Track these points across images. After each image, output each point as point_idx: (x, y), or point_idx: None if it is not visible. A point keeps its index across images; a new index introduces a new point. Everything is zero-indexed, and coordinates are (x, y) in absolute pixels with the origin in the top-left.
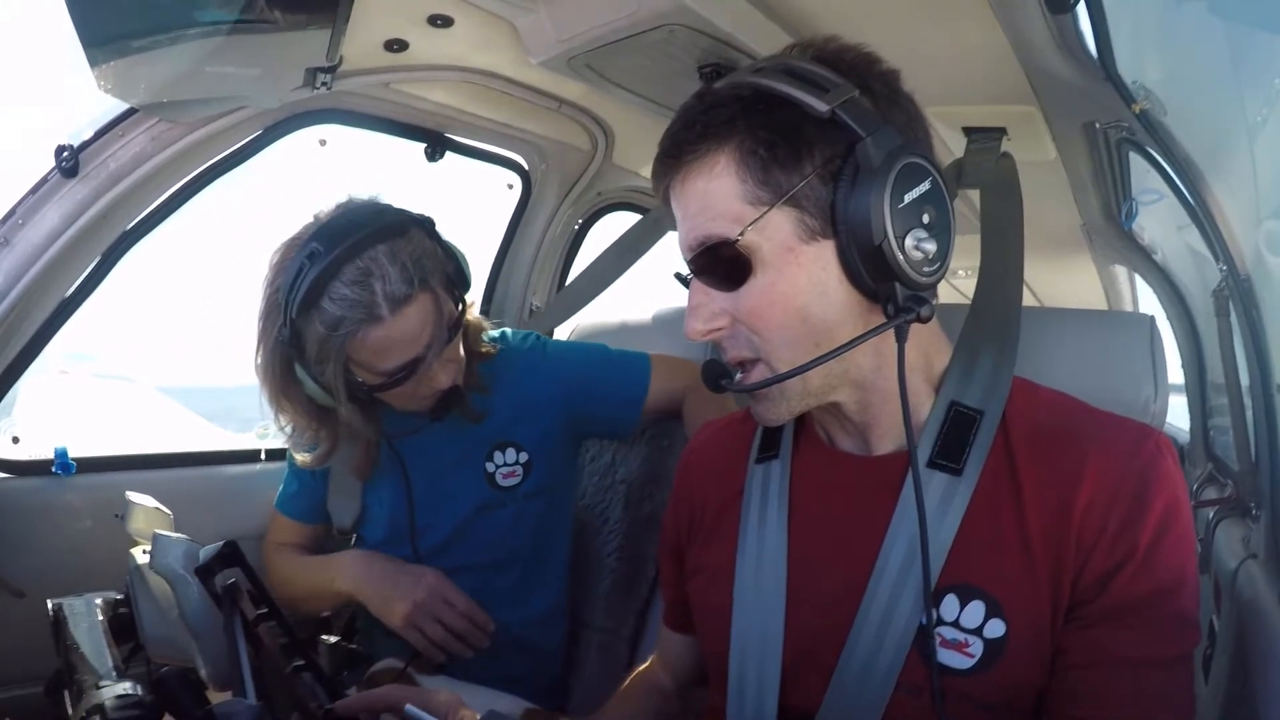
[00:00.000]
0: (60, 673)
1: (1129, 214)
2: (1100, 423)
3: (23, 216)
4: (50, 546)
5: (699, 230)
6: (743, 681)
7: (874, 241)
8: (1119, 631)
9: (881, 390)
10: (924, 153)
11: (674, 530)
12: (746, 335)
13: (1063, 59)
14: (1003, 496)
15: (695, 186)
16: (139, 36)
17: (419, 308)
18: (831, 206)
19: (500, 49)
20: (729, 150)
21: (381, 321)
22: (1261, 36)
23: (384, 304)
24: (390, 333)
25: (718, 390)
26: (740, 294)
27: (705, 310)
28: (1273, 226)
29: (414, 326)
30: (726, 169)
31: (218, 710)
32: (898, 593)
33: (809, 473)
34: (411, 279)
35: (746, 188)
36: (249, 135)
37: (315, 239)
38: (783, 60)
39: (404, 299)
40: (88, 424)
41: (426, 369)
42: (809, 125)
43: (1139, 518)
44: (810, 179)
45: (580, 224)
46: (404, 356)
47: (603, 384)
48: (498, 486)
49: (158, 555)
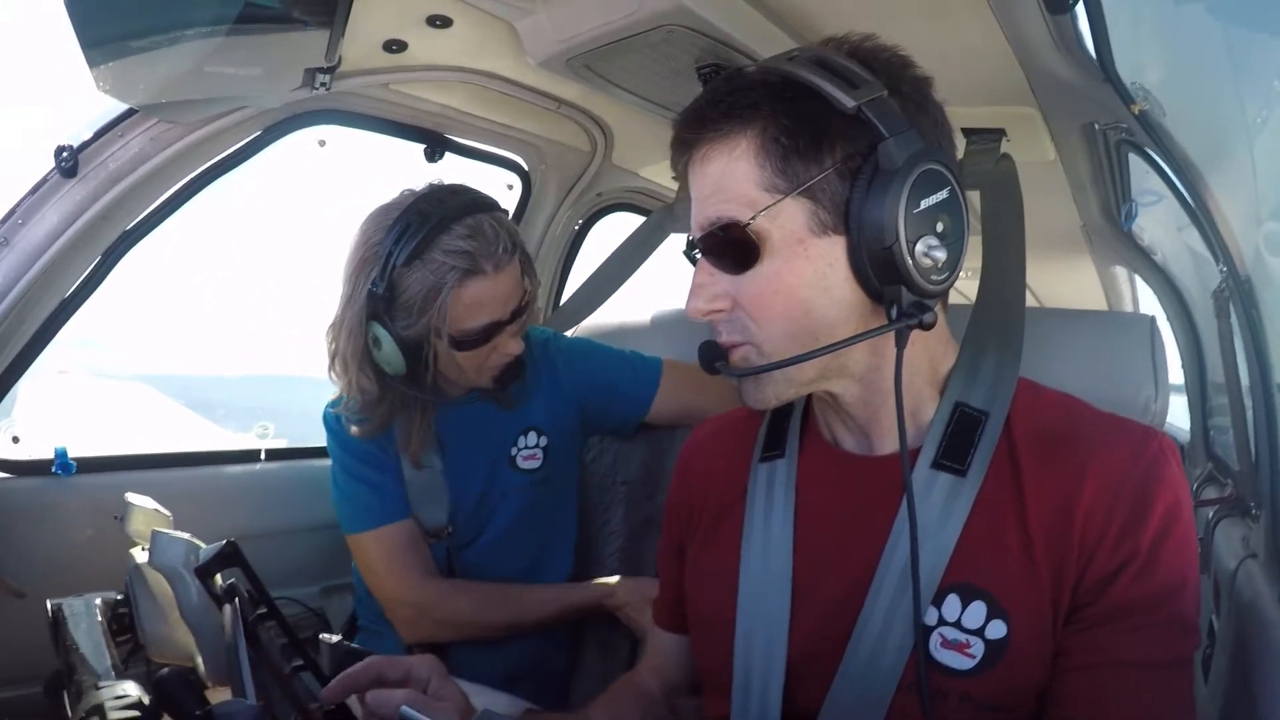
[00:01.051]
0: (60, 673)
1: (1129, 215)
2: (1104, 425)
3: (22, 217)
4: (50, 547)
5: (711, 210)
6: (747, 684)
7: (885, 243)
8: (1120, 634)
9: (882, 389)
10: (946, 161)
11: (674, 528)
12: (743, 320)
13: (1062, 60)
14: (1006, 498)
15: (713, 166)
16: (138, 37)
17: (513, 272)
18: (847, 203)
19: (499, 49)
20: (751, 134)
21: (485, 275)
22: (1261, 37)
23: (490, 259)
24: (489, 288)
25: (713, 373)
26: (745, 278)
27: (708, 291)
28: (1272, 227)
29: (508, 287)
30: (747, 152)
31: (217, 710)
32: (900, 593)
33: (813, 472)
34: (511, 244)
35: (764, 174)
36: (248, 136)
37: (422, 201)
38: (816, 51)
39: (506, 259)
40: (91, 410)
41: (506, 334)
42: (834, 119)
43: (1141, 520)
44: (829, 173)
45: (580, 225)
46: (491, 317)
47: (615, 382)
48: (518, 468)
49: (157, 553)
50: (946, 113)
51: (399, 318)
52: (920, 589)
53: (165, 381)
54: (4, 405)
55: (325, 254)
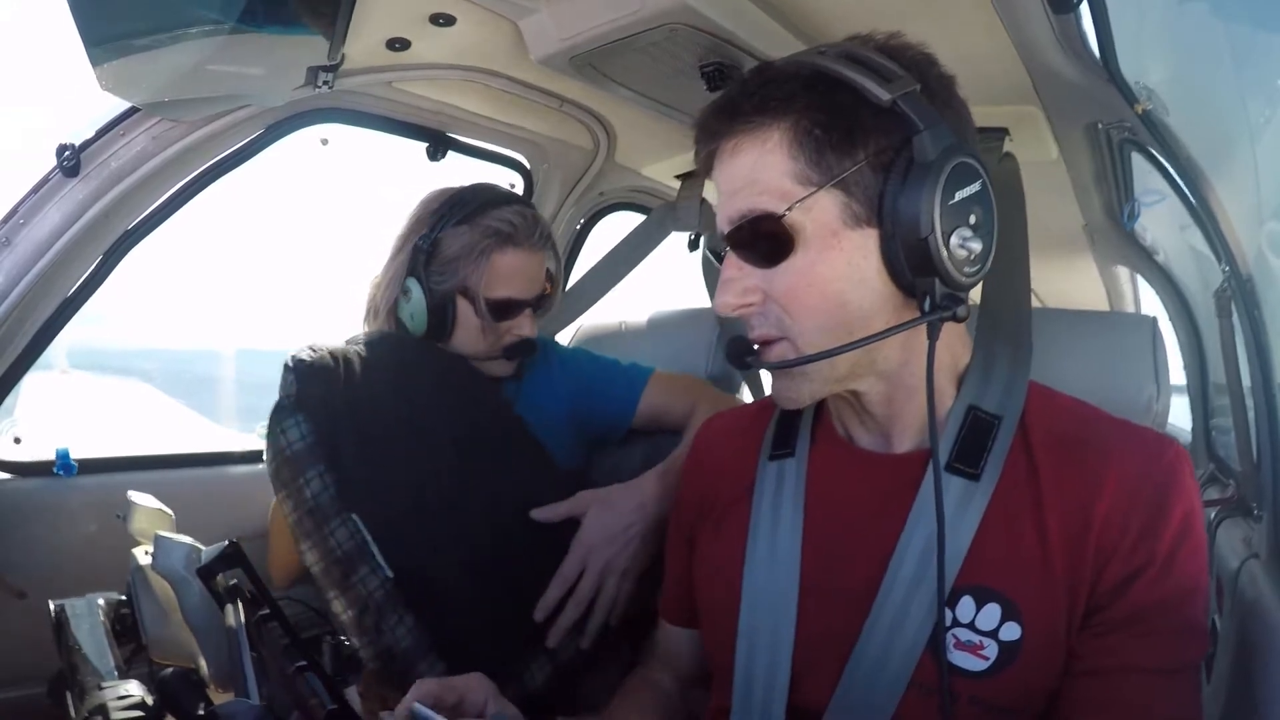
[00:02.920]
0: (62, 673)
1: (1131, 214)
2: (1121, 431)
3: (24, 216)
4: (52, 547)
5: (743, 203)
6: (750, 679)
7: (920, 234)
8: (1133, 639)
9: (907, 385)
10: (976, 154)
11: (684, 518)
12: (777, 314)
13: (1065, 59)
14: (1022, 500)
15: (745, 158)
16: (141, 36)
17: (544, 259)
18: (879, 196)
19: (502, 48)
20: (784, 126)
21: (523, 248)
22: (1264, 37)
23: (529, 239)
24: (523, 262)
25: (743, 368)
26: (777, 272)
27: (739, 285)
28: (1275, 227)
29: (538, 268)
30: (780, 144)
31: (220, 710)
32: (912, 592)
33: (824, 469)
34: (545, 236)
35: (797, 166)
36: (251, 134)
37: (476, 186)
38: (845, 47)
39: (543, 243)
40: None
41: (524, 315)
42: (867, 112)
43: (1159, 526)
44: (861, 166)
45: (582, 223)
46: (517, 291)
47: (603, 383)
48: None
49: (159, 557)
50: None
51: (434, 273)
52: (941, 591)
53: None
54: (5, 406)
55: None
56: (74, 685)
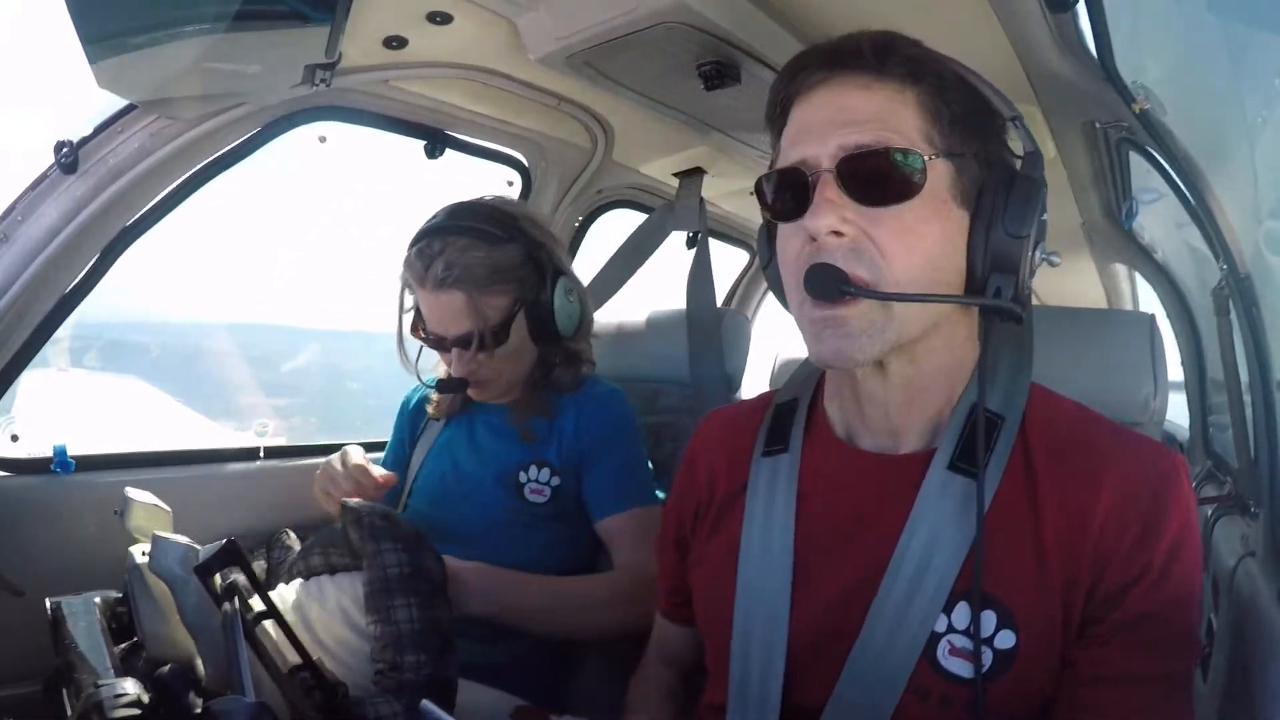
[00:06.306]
0: (59, 671)
1: (1129, 213)
2: (1120, 437)
3: (22, 213)
4: (49, 545)
5: (869, 135)
6: (745, 676)
7: (1019, 233)
8: (1129, 647)
9: (927, 375)
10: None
11: (677, 519)
12: (872, 255)
13: (1063, 58)
14: (1020, 504)
15: (877, 96)
16: (138, 33)
17: (451, 300)
18: (981, 188)
19: (500, 46)
20: (923, 90)
21: (424, 289)
22: (1261, 36)
23: (426, 279)
24: (427, 303)
25: (832, 296)
26: (883, 213)
27: (838, 212)
28: (1272, 225)
29: (444, 309)
30: (917, 101)
31: (216, 708)
32: (911, 594)
33: (819, 467)
34: (458, 277)
35: (931, 127)
36: (248, 132)
37: (444, 209)
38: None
39: (439, 285)
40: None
41: (446, 353)
42: (988, 115)
43: (1156, 534)
44: (977, 155)
45: (580, 221)
46: (434, 328)
47: (598, 474)
48: (525, 499)
49: (156, 558)
50: None
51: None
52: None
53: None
54: (3, 403)
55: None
56: (70, 683)
